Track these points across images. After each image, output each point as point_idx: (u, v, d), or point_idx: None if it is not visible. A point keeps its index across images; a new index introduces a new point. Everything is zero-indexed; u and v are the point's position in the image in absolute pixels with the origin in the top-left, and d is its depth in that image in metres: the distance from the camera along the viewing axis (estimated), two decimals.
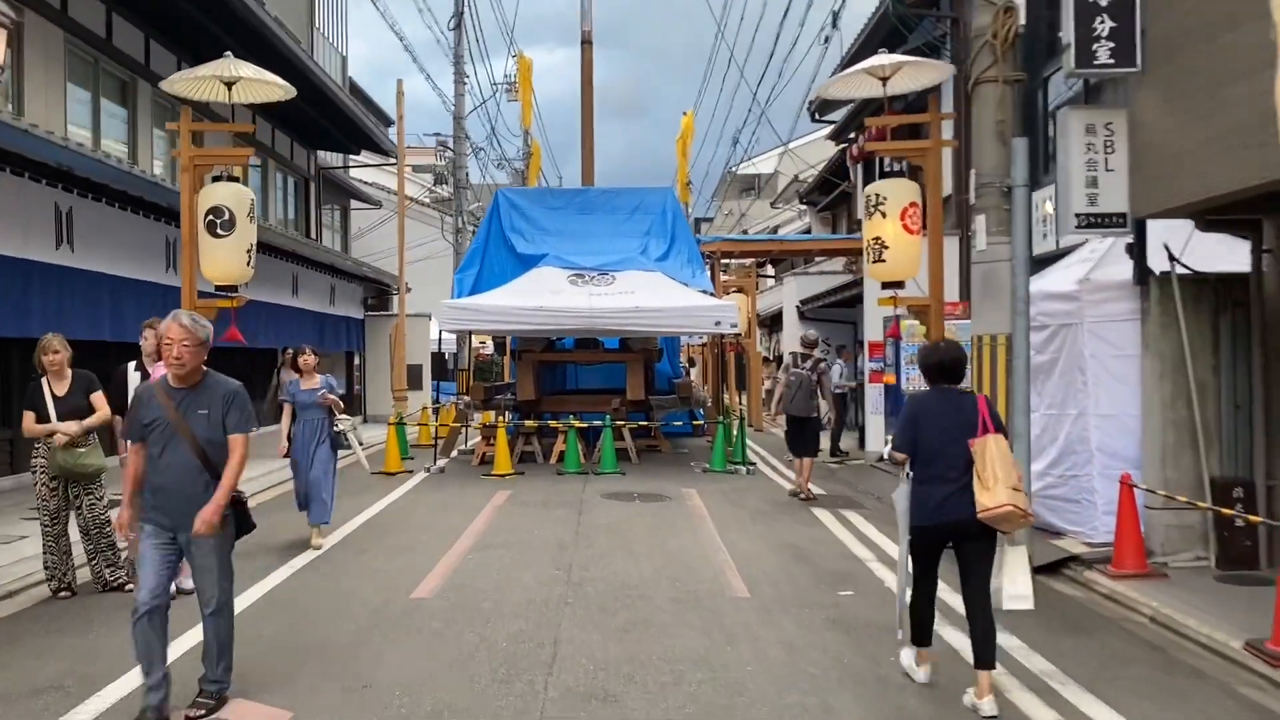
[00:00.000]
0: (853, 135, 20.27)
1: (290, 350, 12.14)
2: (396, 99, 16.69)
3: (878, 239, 7.73)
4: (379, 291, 23.33)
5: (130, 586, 6.13)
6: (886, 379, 13.91)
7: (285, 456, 8.08)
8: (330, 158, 26.02)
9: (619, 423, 13.01)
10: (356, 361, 22.09)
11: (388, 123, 46.14)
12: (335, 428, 7.93)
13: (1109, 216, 6.92)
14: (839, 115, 20.87)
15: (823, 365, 11.24)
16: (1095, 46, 6.64)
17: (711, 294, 13.51)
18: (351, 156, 27.42)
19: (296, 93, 8.12)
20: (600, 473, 12.07)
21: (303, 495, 7.92)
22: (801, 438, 10.55)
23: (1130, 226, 6.96)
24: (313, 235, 22.10)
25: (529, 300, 12.53)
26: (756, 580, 6.65)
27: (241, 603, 5.95)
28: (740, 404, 18.34)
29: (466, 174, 24.13)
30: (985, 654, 4.25)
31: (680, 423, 15.01)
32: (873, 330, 14.19)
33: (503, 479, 11.76)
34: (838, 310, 20.19)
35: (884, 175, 7.92)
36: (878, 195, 7.75)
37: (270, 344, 16.13)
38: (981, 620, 4.30)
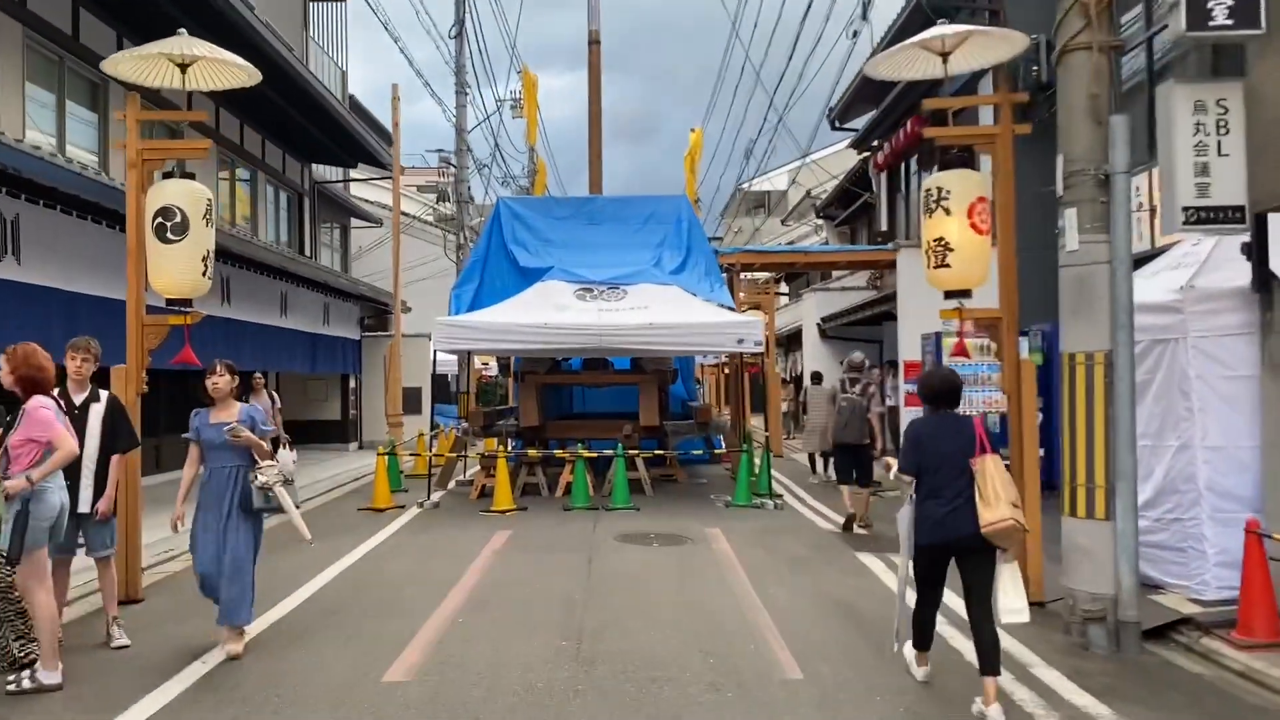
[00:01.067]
0: (875, 143, 19.19)
1: (260, 375, 11.02)
2: (392, 105, 15.67)
3: (940, 240, 6.57)
4: (377, 311, 22.25)
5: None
6: (914, 401, 12.71)
7: (177, 526, 5.67)
8: (329, 174, 25.04)
9: (631, 452, 11.82)
10: (352, 385, 20.95)
11: (390, 142, 45.58)
12: (256, 480, 5.41)
13: (1222, 210, 5.76)
14: (860, 123, 19.81)
15: (872, 390, 10.35)
16: (1211, 4, 5.51)
17: (732, 309, 12.35)
18: (351, 171, 26.47)
19: (261, 78, 7.00)
20: (612, 508, 10.87)
21: (205, 580, 5.50)
22: (856, 466, 9.81)
23: (1248, 222, 5.80)
24: (307, 252, 21.05)
25: (532, 317, 11.40)
26: (808, 654, 5.44)
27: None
28: (762, 430, 17.13)
29: (469, 188, 23.10)
30: (992, 662, 4.51)
31: (700, 451, 13.81)
32: (909, 348, 13.01)
33: (503, 516, 10.57)
34: (862, 328, 19.06)
35: (944, 166, 6.72)
36: (940, 189, 6.60)
37: (257, 367, 14.99)
38: (987, 630, 4.55)
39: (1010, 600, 4.61)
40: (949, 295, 6.76)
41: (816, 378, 16.33)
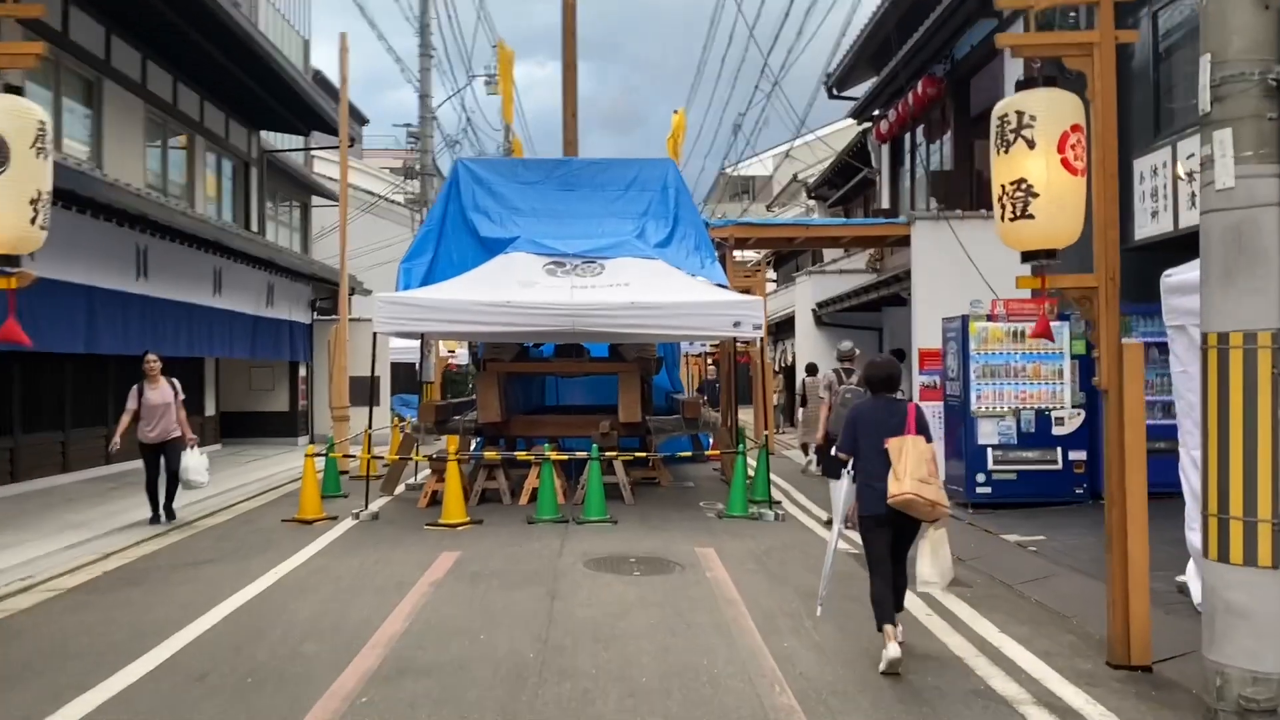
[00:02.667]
0: (877, 113, 17.55)
1: (154, 357, 9.23)
2: (340, 57, 13.81)
3: (1021, 182, 4.89)
4: (333, 293, 20.40)
5: None
6: (929, 394, 11.09)
7: None
8: (291, 147, 23.08)
9: (608, 454, 10.13)
10: (303, 373, 19.11)
11: (361, 121, 43.43)
12: None
13: None
14: (860, 91, 18.15)
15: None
16: None
17: (726, 287, 10.67)
18: (311, 145, 24.53)
19: None
20: (584, 520, 9.17)
21: None
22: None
23: None
24: (254, 227, 19.16)
25: (493, 294, 9.66)
26: None
27: None
28: (753, 425, 15.46)
29: (434, 160, 21.26)
30: (899, 604, 5.13)
31: (688, 453, 12.16)
32: (925, 335, 11.37)
33: (453, 531, 8.84)
34: (861, 315, 17.44)
35: (1023, 86, 5.02)
36: (1020, 114, 4.91)
37: (181, 350, 13.18)
38: (899, 581, 5.13)
39: (925, 570, 4.98)
40: (1028, 257, 5.09)
41: (812, 369, 15.16)
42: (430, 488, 10.22)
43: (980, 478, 9.94)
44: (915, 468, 4.78)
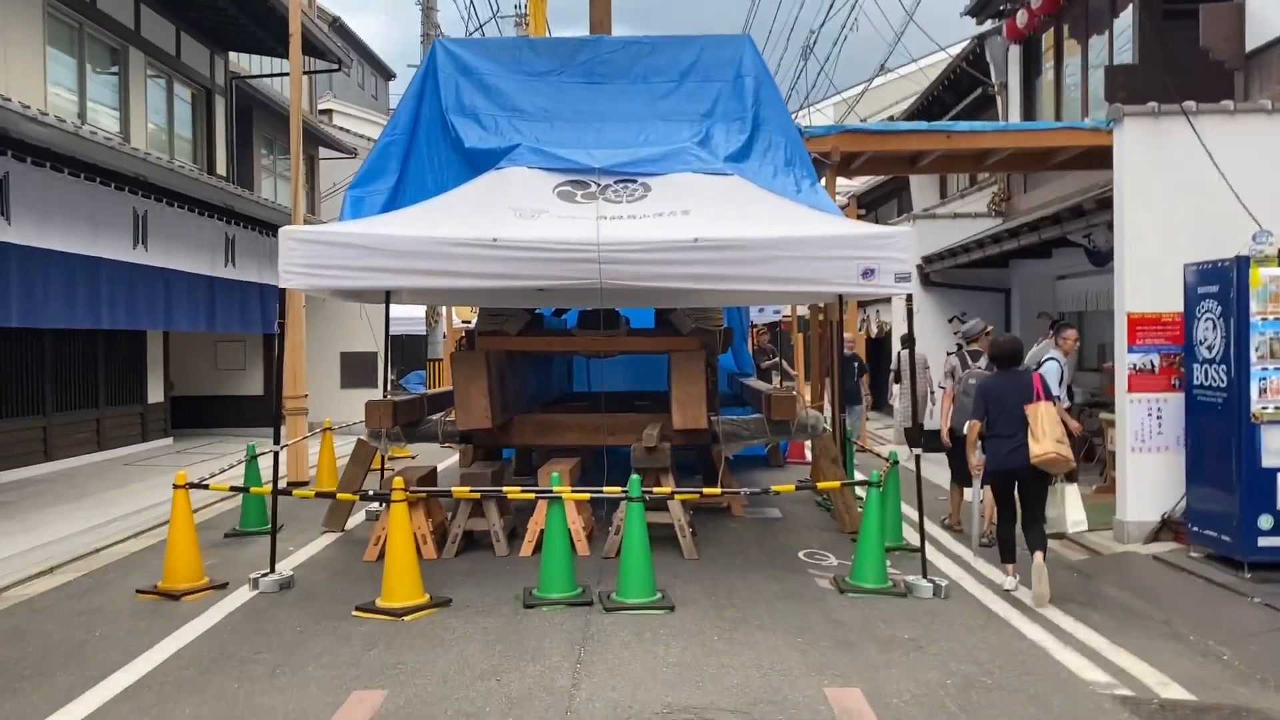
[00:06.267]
0: (1005, 5, 13.42)
1: None
2: None
3: None
4: None
5: None
6: (1145, 382, 7.20)
7: None
8: (270, 72, 19.51)
9: (657, 490, 6.45)
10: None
11: (387, 76, 39.84)
12: None
13: None
14: None
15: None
16: None
17: (840, 216, 6.86)
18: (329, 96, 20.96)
19: None
20: (617, 602, 5.49)
21: None
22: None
23: None
24: (220, 171, 15.65)
25: (473, 227, 5.97)
26: None
27: None
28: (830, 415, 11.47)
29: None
30: (1039, 546, 5.73)
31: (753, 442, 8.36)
32: (1139, 291, 7.42)
33: (396, 624, 5.22)
34: (982, 272, 13.47)
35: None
36: None
37: (75, 322, 9.77)
38: (1035, 533, 5.79)
39: (1073, 514, 5.87)
40: None
41: (907, 341, 11.86)
42: (380, 532, 6.58)
43: (1265, 521, 6.10)
44: (1052, 429, 5.61)
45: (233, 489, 6.38)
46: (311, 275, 5.99)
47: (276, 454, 6.09)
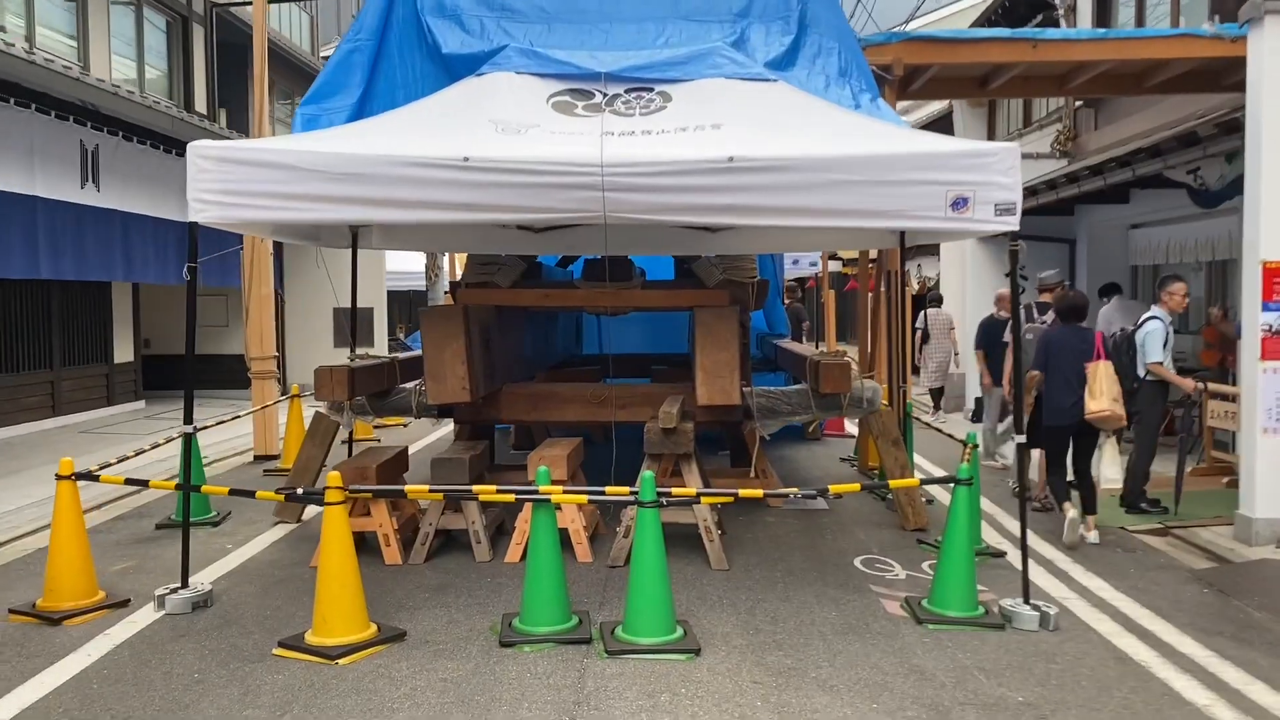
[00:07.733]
0: None
1: None
2: None
3: None
4: None
5: None
6: (1278, 347, 5.75)
7: None
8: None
9: (676, 491, 5.12)
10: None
11: None
12: None
13: None
14: None
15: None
16: None
17: (914, 132, 5.37)
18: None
19: None
20: (623, 642, 4.14)
21: None
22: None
23: None
24: (201, 108, 14.24)
25: (437, 144, 4.55)
26: None
27: None
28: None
29: None
30: (1091, 506, 5.98)
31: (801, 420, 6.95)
32: (1277, 242, 5.91)
33: (325, 670, 3.90)
34: (1044, 220, 11.89)
35: None
36: None
37: (25, 271, 8.52)
38: (1086, 484, 6.00)
39: (1109, 470, 6.24)
40: None
41: (935, 300, 12.78)
42: None
43: None
44: (1110, 388, 5.71)
45: (128, 481, 5.03)
46: (230, 205, 4.60)
47: (188, 436, 4.73)
